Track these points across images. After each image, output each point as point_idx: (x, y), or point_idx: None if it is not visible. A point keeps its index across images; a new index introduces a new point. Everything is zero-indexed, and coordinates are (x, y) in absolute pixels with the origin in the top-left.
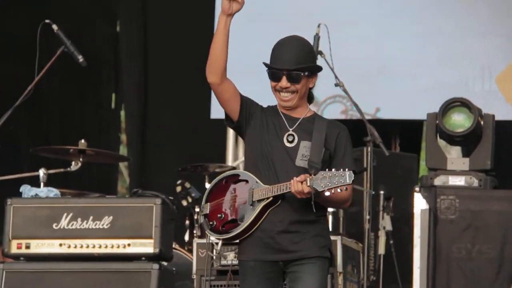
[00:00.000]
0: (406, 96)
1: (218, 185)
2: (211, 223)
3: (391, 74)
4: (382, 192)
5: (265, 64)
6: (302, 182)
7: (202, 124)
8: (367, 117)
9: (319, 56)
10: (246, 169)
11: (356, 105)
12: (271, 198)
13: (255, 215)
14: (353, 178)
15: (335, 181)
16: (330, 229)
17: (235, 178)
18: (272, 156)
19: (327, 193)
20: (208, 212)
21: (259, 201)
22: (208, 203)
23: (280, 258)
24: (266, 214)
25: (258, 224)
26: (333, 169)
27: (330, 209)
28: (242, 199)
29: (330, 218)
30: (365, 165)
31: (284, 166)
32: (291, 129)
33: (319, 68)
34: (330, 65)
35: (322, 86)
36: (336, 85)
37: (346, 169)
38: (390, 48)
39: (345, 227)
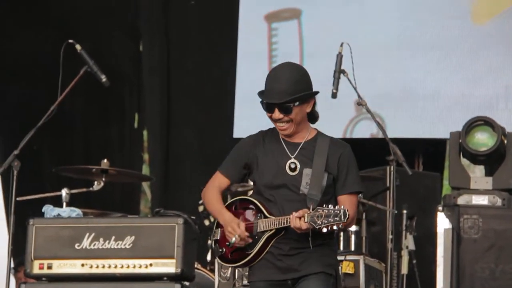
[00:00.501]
0: (430, 115)
1: (229, 211)
2: (220, 250)
3: (415, 93)
4: (405, 211)
5: (259, 95)
6: (300, 218)
7: (225, 143)
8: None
9: (342, 75)
10: (254, 197)
11: (379, 124)
12: (274, 230)
13: (259, 246)
14: (348, 216)
15: (331, 219)
16: (353, 248)
17: (244, 205)
18: (275, 186)
19: (324, 230)
20: (218, 238)
21: (263, 232)
22: (219, 229)
23: (288, 277)
24: (271, 244)
25: (264, 253)
26: (330, 205)
27: (352, 229)
28: (248, 228)
29: (352, 237)
30: (388, 185)
31: (288, 195)
32: (292, 157)
33: (311, 95)
34: (353, 84)
35: (345, 105)
36: (359, 104)
37: (342, 207)
38: (414, 67)
39: (368, 246)
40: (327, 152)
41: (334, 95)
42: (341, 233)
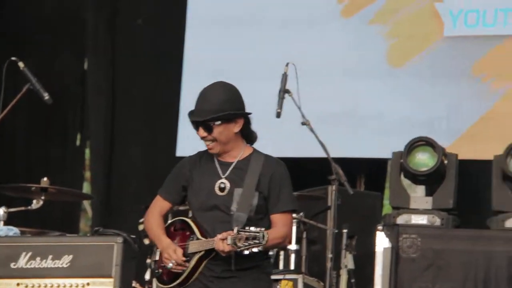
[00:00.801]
0: (373, 135)
1: (168, 231)
2: (156, 271)
3: (358, 113)
4: (345, 230)
5: (188, 114)
6: (223, 240)
7: (167, 161)
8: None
9: (286, 95)
10: (191, 218)
11: (322, 144)
12: (203, 252)
13: (190, 268)
14: (267, 238)
15: (251, 242)
16: (292, 267)
17: (182, 225)
18: (208, 208)
19: (245, 252)
20: (157, 259)
21: (194, 253)
22: (159, 250)
23: None
24: (203, 265)
25: (196, 274)
26: (252, 228)
27: (293, 248)
28: (182, 249)
29: (292, 256)
30: (329, 204)
31: (220, 217)
32: (223, 177)
33: (236, 115)
34: (297, 104)
35: (289, 124)
36: (303, 123)
37: (262, 229)
38: (357, 87)
39: (308, 265)
40: (259, 171)
41: (278, 115)
42: (281, 252)
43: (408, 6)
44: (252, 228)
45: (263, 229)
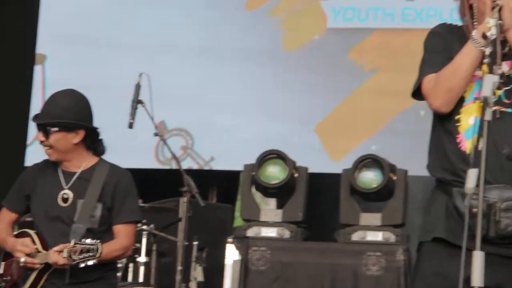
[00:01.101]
0: (226, 147)
1: None
2: (0, 285)
3: (212, 125)
4: (195, 243)
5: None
6: (60, 253)
7: (15, 172)
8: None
9: (139, 106)
10: (35, 230)
11: (174, 155)
12: (43, 265)
13: (31, 281)
14: (100, 251)
15: (86, 255)
16: (141, 280)
17: (25, 237)
18: (50, 219)
19: (81, 265)
20: (2, 272)
21: None
22: (3, 263)
23: None
24: (43, 279)
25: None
26: (88, 240)
27: (142, 260)
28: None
29: (141, 268)
30: (180, 216)
31: (63, 229)
32: (66, 187)
33: (75, 125)
34: (150, 114)
35: (141, 135)
36: (156, 134)
37: (97, 242)
38: (212, 98)
39: (157, 278)
40: (103, 180)
41: (130, 125)
42: (131, 264)
43: (299, 3)
44: (88, 241)
45: (98, 241)
